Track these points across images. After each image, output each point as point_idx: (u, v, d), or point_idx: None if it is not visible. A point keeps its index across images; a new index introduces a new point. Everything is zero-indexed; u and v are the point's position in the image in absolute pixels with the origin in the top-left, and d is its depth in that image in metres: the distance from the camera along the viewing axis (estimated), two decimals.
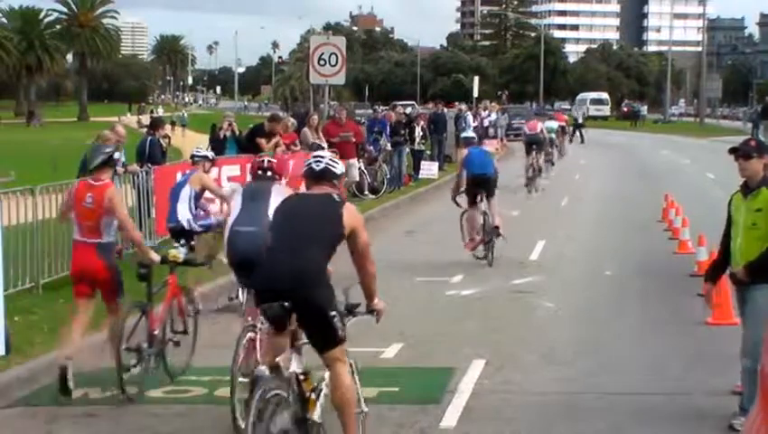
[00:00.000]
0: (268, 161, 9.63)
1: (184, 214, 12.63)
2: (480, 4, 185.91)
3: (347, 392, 6.90)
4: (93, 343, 9.83)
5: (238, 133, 21.45)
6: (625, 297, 14.12)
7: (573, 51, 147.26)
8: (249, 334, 8.40)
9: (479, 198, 16.82)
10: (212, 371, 10.09)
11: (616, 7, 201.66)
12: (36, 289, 12.88)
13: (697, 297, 13.09)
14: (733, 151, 8.51)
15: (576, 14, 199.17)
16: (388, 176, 27.49)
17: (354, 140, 24.56)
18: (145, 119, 58.31)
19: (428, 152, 33.18)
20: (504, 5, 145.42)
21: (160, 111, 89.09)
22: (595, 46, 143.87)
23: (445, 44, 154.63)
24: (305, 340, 6.97)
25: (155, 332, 9.48)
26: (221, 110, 66.61)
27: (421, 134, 31.15)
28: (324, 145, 19.07)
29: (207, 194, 13.14)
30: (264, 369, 6.77)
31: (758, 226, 8.30)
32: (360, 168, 25.38)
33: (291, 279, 6.70)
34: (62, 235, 14.01)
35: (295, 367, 6.83)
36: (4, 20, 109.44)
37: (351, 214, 7.05)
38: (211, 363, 10.39)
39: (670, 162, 43.08)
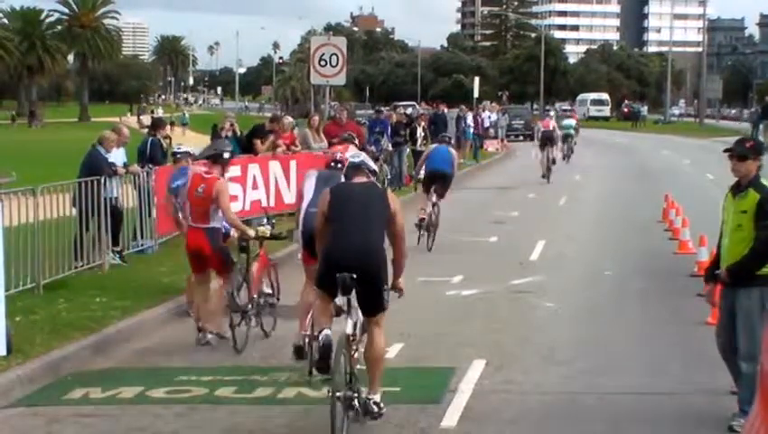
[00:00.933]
0: (340, 155, 10.41)
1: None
2: (480, 4, 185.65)
3: (381, 350, 8.12)
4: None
5: (239, 133, 21.44)
6: (625, 297, 14.13)
7: (573, 52, 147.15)
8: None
9: (432, 190, 18.43)
10: (212, 371, 10.11)
11: (616, 8, 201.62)
12: (37, 289, 12.87)
13: (698, 298, 13.18)
14: (728, 151, 8.50)
15: (576, 14, 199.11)
16: (389, 177, 27.50)
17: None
18: (146, 120, 58.25)
19: None
20: (505, 6, 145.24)
21: (159, 111, 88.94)
22: (596, 47, 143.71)
23: (446, 45, 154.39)
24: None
25: (254, 295, 11.17)
26: (224, 111, 66.54)
27: (423, 134, 31.11)
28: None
29: None
30: (329, 333, 7.84)
31: (742, 228, 8.27)
32: None
33: (362, 256, 7.88)
34: (63, 235, 14.05)
35: (349, 330, 7.90)
36: (5, 20, 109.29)
37: (393, 199, 8.36)
38: (212, 363, 10.43)
39: (671, 162, 43.09)
